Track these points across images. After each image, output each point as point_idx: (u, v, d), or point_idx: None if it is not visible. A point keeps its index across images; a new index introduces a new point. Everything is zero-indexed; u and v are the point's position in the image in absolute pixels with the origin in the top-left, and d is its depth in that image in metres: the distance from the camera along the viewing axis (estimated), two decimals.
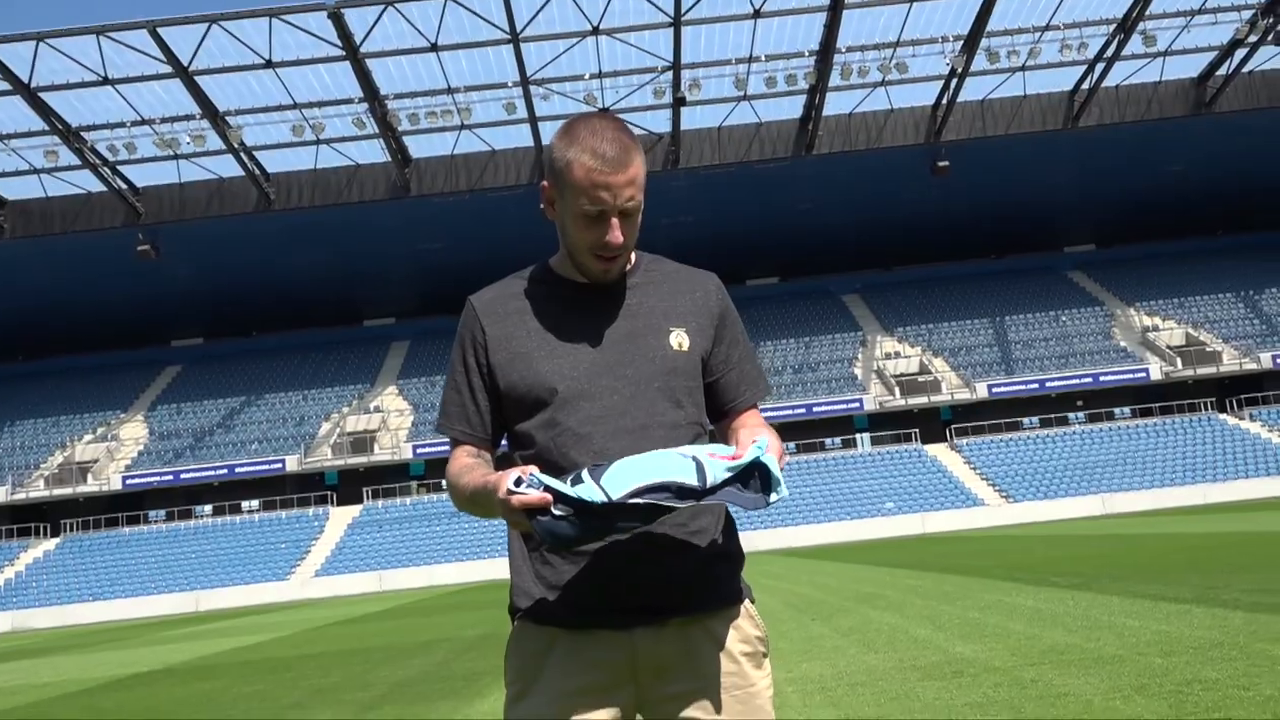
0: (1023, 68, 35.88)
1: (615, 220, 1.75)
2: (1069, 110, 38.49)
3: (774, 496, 1.62)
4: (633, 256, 1.90)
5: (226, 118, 34.78)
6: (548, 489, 1.56)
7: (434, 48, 32.56)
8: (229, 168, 37.79)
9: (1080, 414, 43.88)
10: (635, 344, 1.80)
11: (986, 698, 5.19)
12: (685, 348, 1.82)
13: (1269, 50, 36.02)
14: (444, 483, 1.92)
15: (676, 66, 33.42)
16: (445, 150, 38.29)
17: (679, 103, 34.71)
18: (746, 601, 1.80)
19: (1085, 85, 37.40)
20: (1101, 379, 43.16)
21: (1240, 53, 36.11)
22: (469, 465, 1.82)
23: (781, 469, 1.65)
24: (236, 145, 35.31)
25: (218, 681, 10.59)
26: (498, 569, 37.38)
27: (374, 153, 38.14)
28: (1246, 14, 34.38)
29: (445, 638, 12.96)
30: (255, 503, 44.52)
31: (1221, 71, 37.31)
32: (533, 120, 35.66)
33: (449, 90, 34.73)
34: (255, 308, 50.07)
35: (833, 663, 6.94)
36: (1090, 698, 4.95)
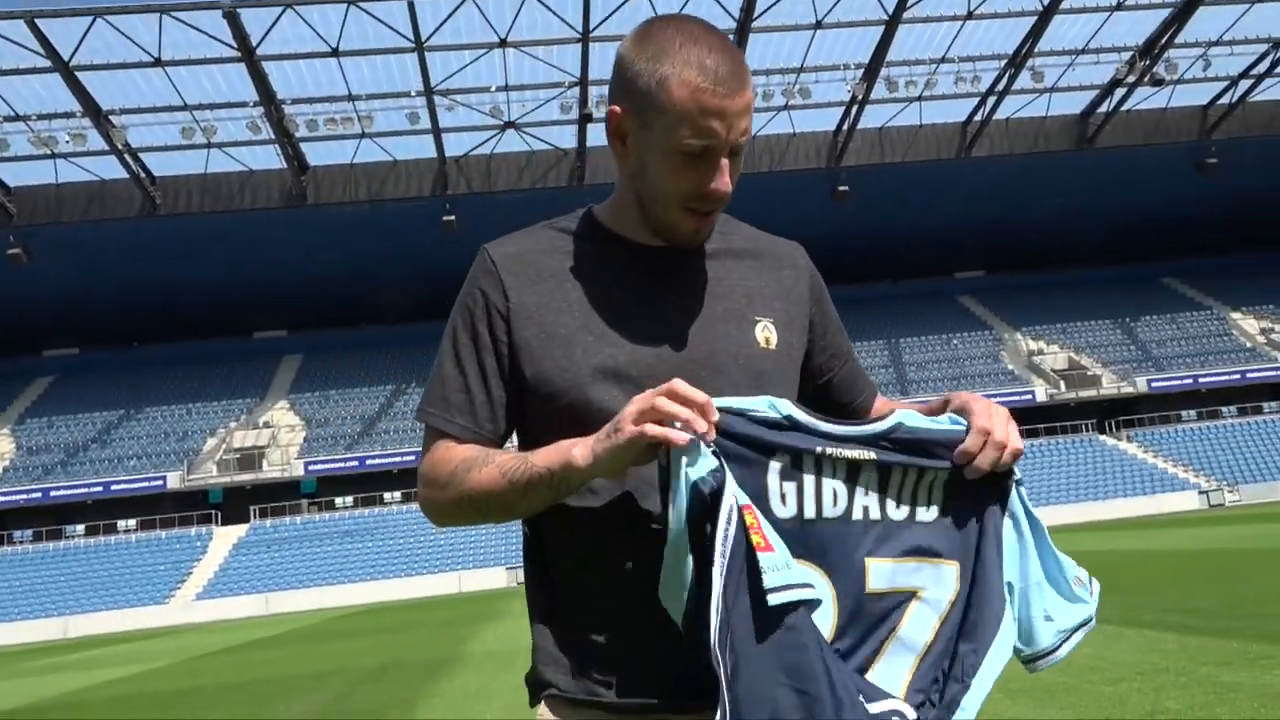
0: (919, 98, 36.80)
1: (725, 162, 1.29)
2: (962, 140, 39.66)
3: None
4: None
5: (110, 117, 32.90)
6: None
7: (335, 53, 31.48)
8: (111, 169, 35.77)
9: None
10: (714, 333, 1.35)
11: None
12: (774, 345, 1.39)
13: (1145, 91, 37.82)
14: (417, 491, 1.41)
15: (584, 82, 33.12)
16: (344, 158, 37.06)
17: (586, 119, 34.39)
18: None
19: (977, 117, 38.58)
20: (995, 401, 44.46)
21: (1120, 92, 37.83)
22: (481, 454, 1.31)
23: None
24: (120, 146, 33.42)
25: None
26: (392, 590, 36.14)
27: (269, 159, 36.66)
28: (1126, 55, 36.05)
29: (341, 668, 12.16)
30: (133, 522, 42.06)
31: (1103, 109, 39.01)
32: (436, 131, 34.85)
33: (350, 97, 33.64)
34: (136, 317, 47.52)
35: None
36: None
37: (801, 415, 1.23)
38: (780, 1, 31.24)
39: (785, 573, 1.13)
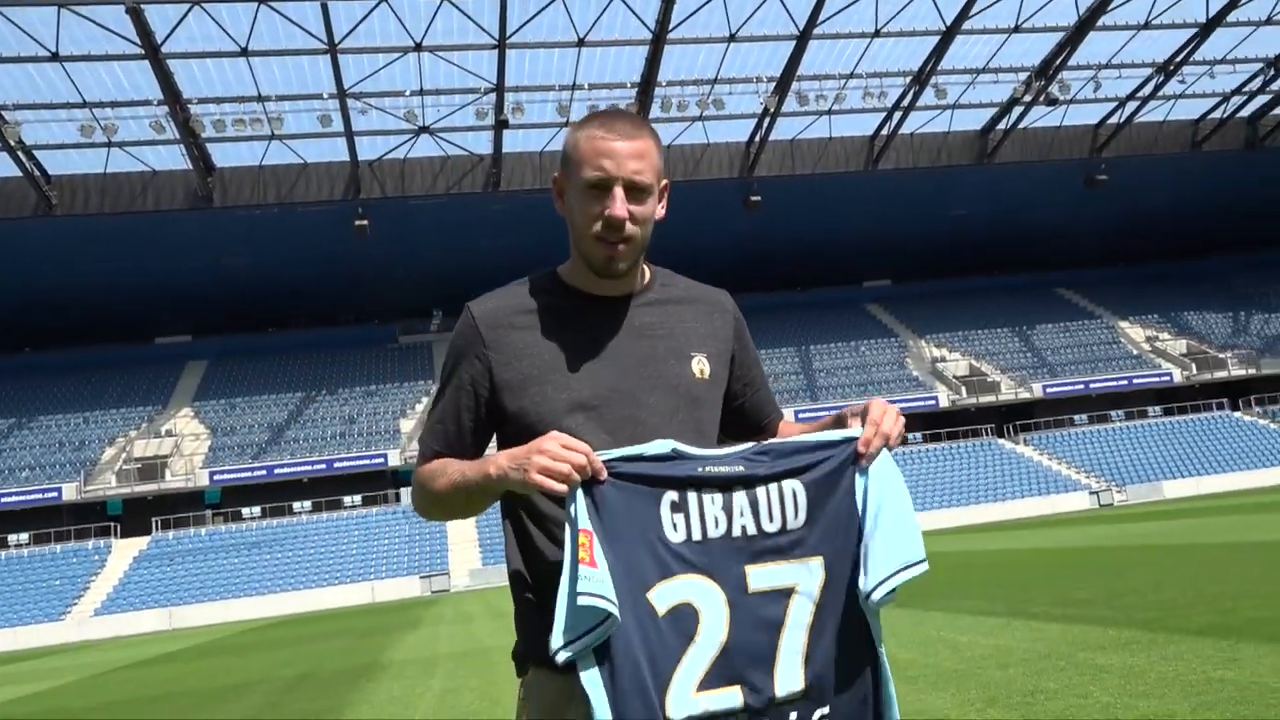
0: (829, 111, 37.92)
1: (619, 191, 1.65)
2: (869, 154, 40.96)
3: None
4: (646, 272, 1.81)
5: (3, 113, 31.71)
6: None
7: (244, 52, 30.92)
8: (4, 167, 34.43)
9: None
10: (658, 368, 1.71)
11: None
12: (707, 375, 1.75)
13: (1041, 110, 39.66)
14: (410, 491, 1.80)
15: (500, 89, 33.22)
16: (253, 160, 36.38)
17: (501, 125, 34.48)
18: None
19: (884, 131, 39.93)
20: (897, 406, 45.85)
21: (1017, 110, 39.62)
22: (442, 466, 1.70)
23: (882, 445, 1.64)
24: (14, 143, 32.20)
25: None
26: (303, 602, 35.53)
27: (174, 159, 35.76)
28: (1023, 75, 37.78)
29: (259, 680, 12.11)
30: (25, 536, 40.38)
31: (1001, 126, 40.78)
32: (349, 134, 34.50)
33: (259, 98, 33.06)
34: (29, 322, 45.66)
35: None
36: (946, 712, 5.15)
37: (684, 447, 1.57)
38: (696, 14, 31.91)
39: (598, 584, 1.45)
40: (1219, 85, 40.57)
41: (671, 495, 1.54)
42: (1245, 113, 42.77)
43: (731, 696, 1.52)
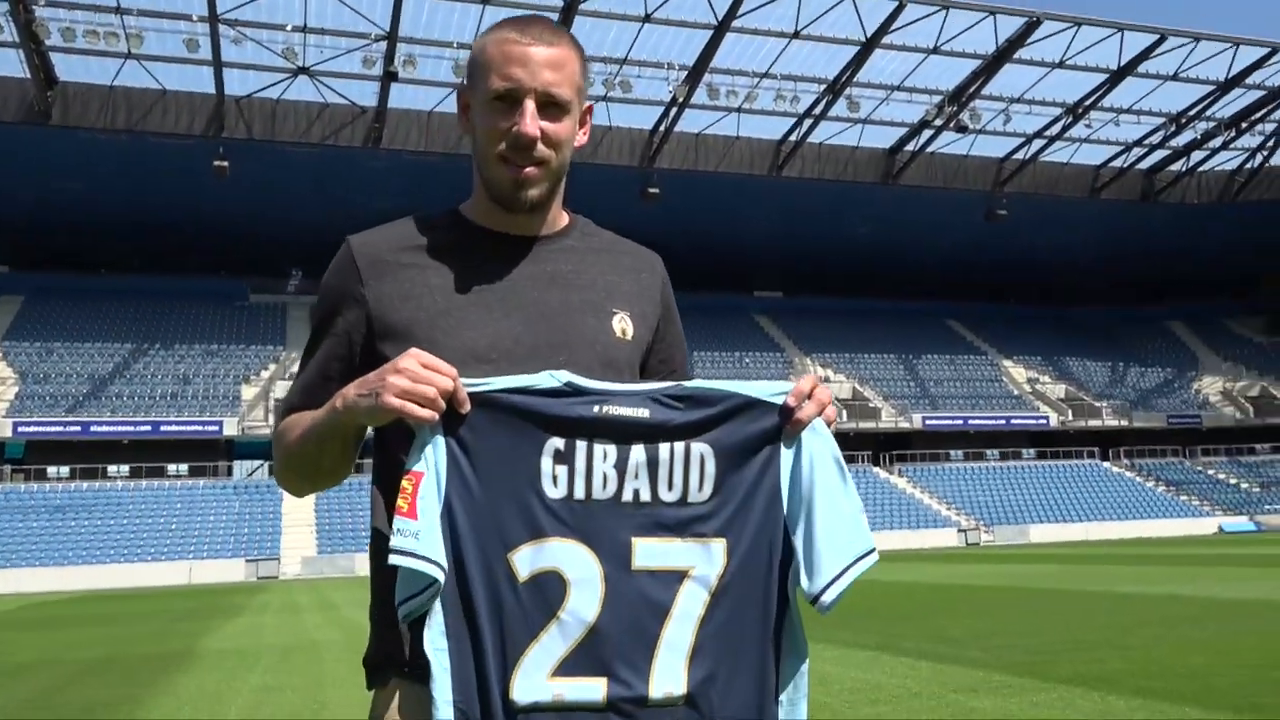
0: (739, 109, 38.39)
1: (530, 105, 1.48)
2: (775, 159, 41.68)
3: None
4: (565, 215, 1.63)
5: None
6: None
7: None
8: None
9: None
10: (571, 320, 1.52)
11: None
12: (629, 336, 1.57)
13: (949, 136, 41.19)
14: (273, 448, 1.56)
15: (393, 37, 32.30)
16: (104, 79, 34.31)
17: (390, 77, 33.55)
18: None
19: (793, 137, 40.70)
20: None
21: (927, 133, 41.01)
22: (296, 418, 1.51)
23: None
24: None
25: None
26: (112, 577, 33.71)
27: (9, 64, 33.43)
28: (936, 98, 39.12)
29: (51, 659, 11.37)
30: None
31: (910, 147, 42.13)
32: (217, 64, 32.92)
33: (118, 9, 31.21)
34: None
35: None
36: None
37: (583, 381, 1.40)
38: None
39: (411, 540, 1.31)
40: (1122, 134, 42.97)
41: (557, 442, 1.37)
42: (1144, 165, 45.40)
43: (593, 688, 1.33)
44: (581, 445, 1.37)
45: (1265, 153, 45.23)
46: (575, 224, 1.64)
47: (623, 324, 1.57)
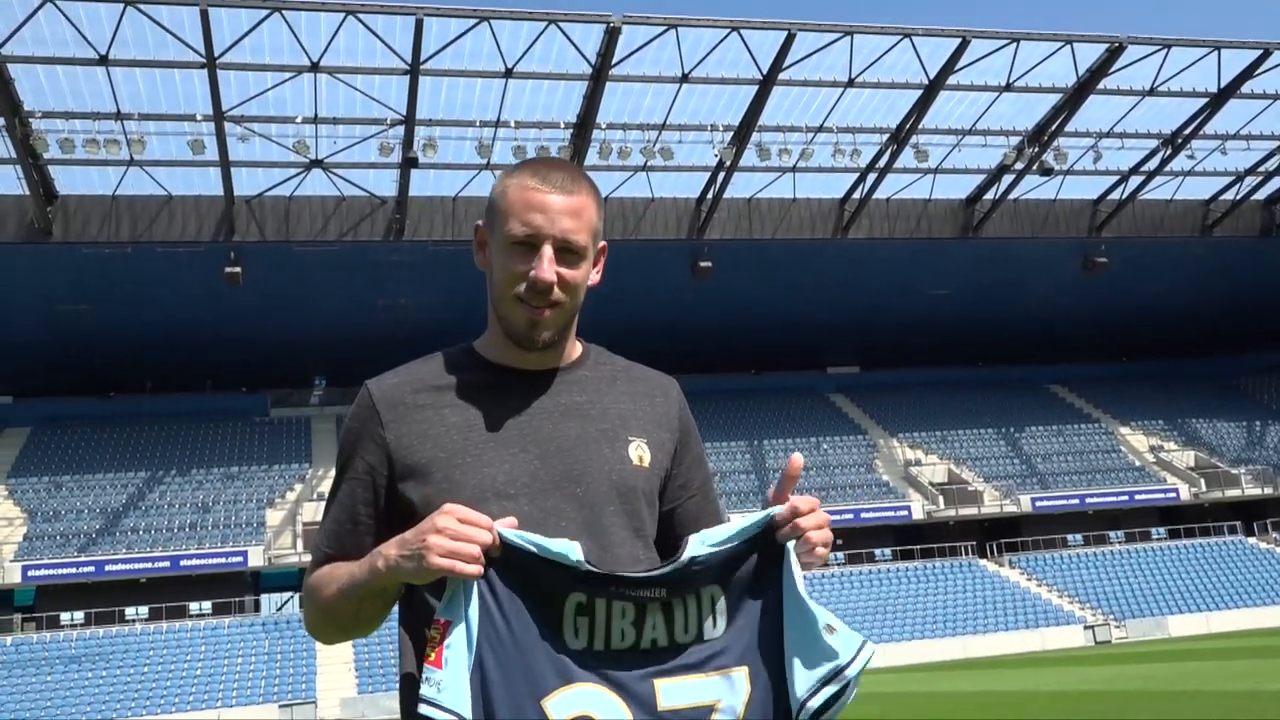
0: (794, 169, 38.71)
1: (548, 251, 1.69)
2: (839, 220, 41.79)
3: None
4: (578, 346, 1.86)
5: None
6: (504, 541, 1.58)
7: (103, 61, 30.59)
8: None
9: (839, 554, 46.45)
10: (587, 452, 1.74)
11: None
12: (646, 463, 1.77)
13: (1034, 180, 41.05)
14: (299, 599, 1.64)
15: (410, 121, 33.25)
16: (105, 189, 35.72)
17: (409, 163, 34.45)
18: None
19: (856, 195, 40.85)
20: (863, 515, 46.08)
21: (1007, 179, 40.90)
22: (330, 571, 1.71)
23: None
24: None
25: None
26: None
27: (7, 182, 34.96)
28: (1014, 140, 39.11)
29: None
30: None
31: (989, 196, 42.02)
32: (225, 164, 34.06)
33: (118, 115, 32.62)
34: None
35: None
36: None
37: (598, 569, 1.58)
38: (644, 48, 32.49)
39: (434, 690, 1.47)
40: (1231, 163, 42.42)
41: (580, 596, 1.58)
42: (1261, 195, 44.71)
43: None
44: (602, 603, 1.59)
45: None
46: (589, 353, 1.87)
47: (639, 451, 1.78)
